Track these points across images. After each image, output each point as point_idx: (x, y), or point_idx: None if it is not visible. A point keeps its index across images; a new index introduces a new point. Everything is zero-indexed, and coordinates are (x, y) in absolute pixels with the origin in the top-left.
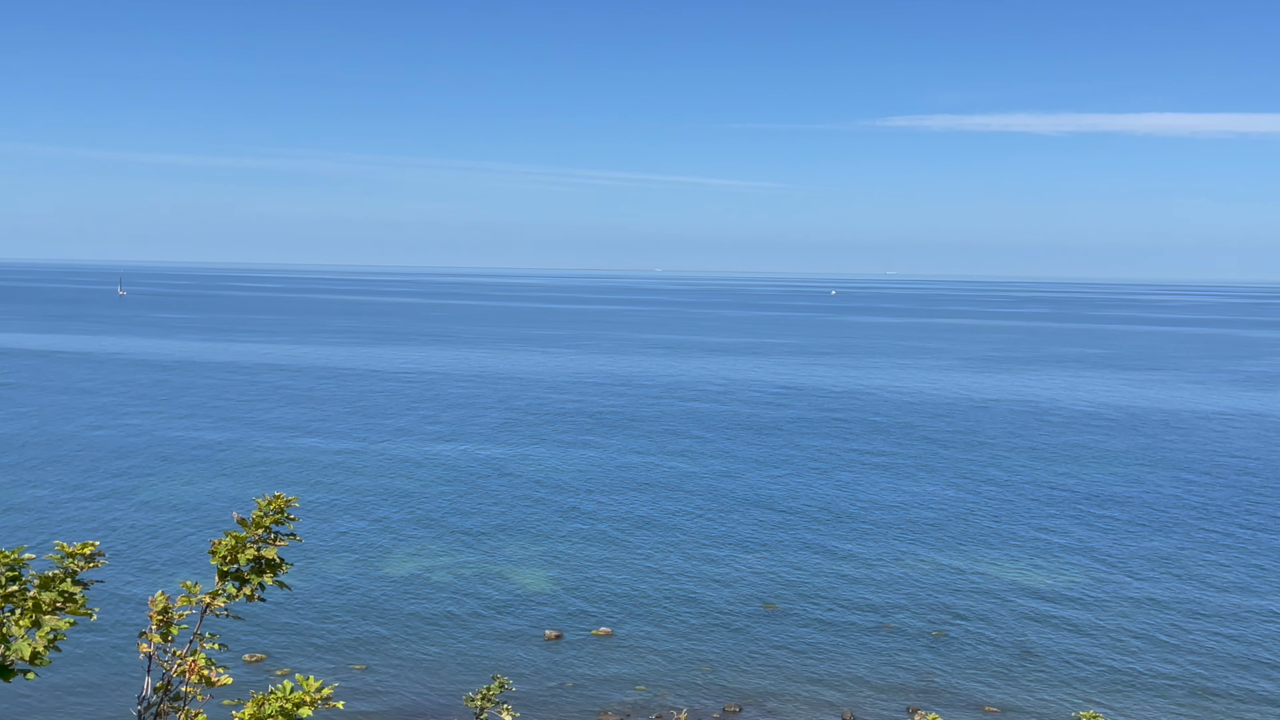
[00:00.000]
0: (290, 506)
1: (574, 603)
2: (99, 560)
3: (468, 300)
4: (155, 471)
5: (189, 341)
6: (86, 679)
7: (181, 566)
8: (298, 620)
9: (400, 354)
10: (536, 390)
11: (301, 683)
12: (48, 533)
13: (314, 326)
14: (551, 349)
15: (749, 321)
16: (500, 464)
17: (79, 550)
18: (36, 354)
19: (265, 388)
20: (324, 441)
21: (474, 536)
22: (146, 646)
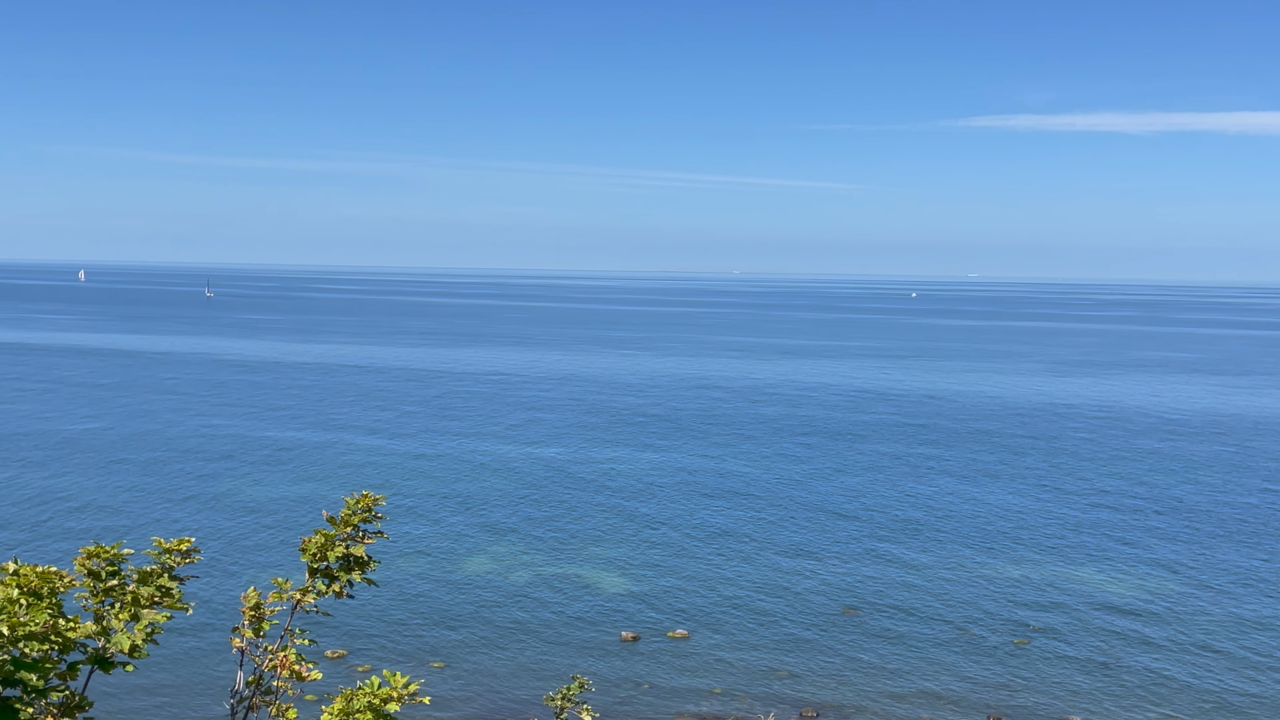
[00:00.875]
0: (377, 505)
1: (650, 605)
2: (194, 556)
3: (544, 302)
4: (241, 470)
5: (273, 342)
6: (182, 672)
7: (270, 563)
8: (378, 617)
9: (477, 355)
10: (611, 392)
11: (389, 679)
12: (141, 529)
13: (394, 328)
14: (627, 351)
15: (826, 324)
16: (575, 466)
17: (175, 546)
18: (127, 354)
19: (345, 388)
20: (402, 442)
21: (551, 537)
22: (239, 641)
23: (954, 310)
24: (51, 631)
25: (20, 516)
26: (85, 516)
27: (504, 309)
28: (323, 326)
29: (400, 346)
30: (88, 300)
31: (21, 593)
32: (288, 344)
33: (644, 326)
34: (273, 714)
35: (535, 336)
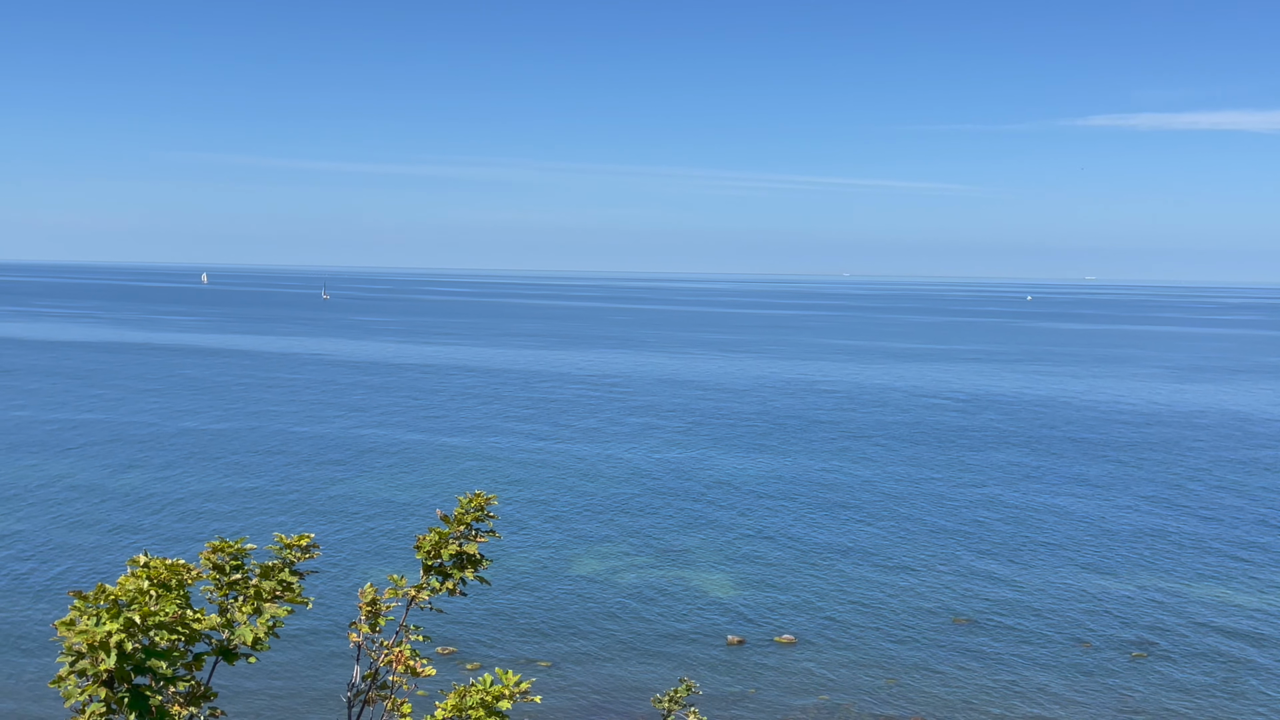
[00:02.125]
0: (490, 504)
1: (755, 610)
2: (314, 552)
3: (650, 305)
4: (354, 467)
5: (385, 343)
6: (301, 665)
7: (384, 560)
8: (485, 615)
9: (584, 357)
10: (717, 395)
11: (501, 676)
12: (261, 525)
13: (503, 330)
14: (732, 354)
15: (938, 327)
16: (682, 467)
17: (296, 542)
18: (246, 354)
19: (455, 389)
20: (509, 442)
21: (657, 539)
22: (356, 636)
23: (1070, 314)
24: (179, 622)
25: (148, 511)
26: (207, 512)
27: (610, 311)
28: (433, 328)
29: (508, 348)
30: (210, 302)
31: (152, 584)
32: (399, 345)
33: (750, 330)
34: (388, 708)
35: (641, 339)
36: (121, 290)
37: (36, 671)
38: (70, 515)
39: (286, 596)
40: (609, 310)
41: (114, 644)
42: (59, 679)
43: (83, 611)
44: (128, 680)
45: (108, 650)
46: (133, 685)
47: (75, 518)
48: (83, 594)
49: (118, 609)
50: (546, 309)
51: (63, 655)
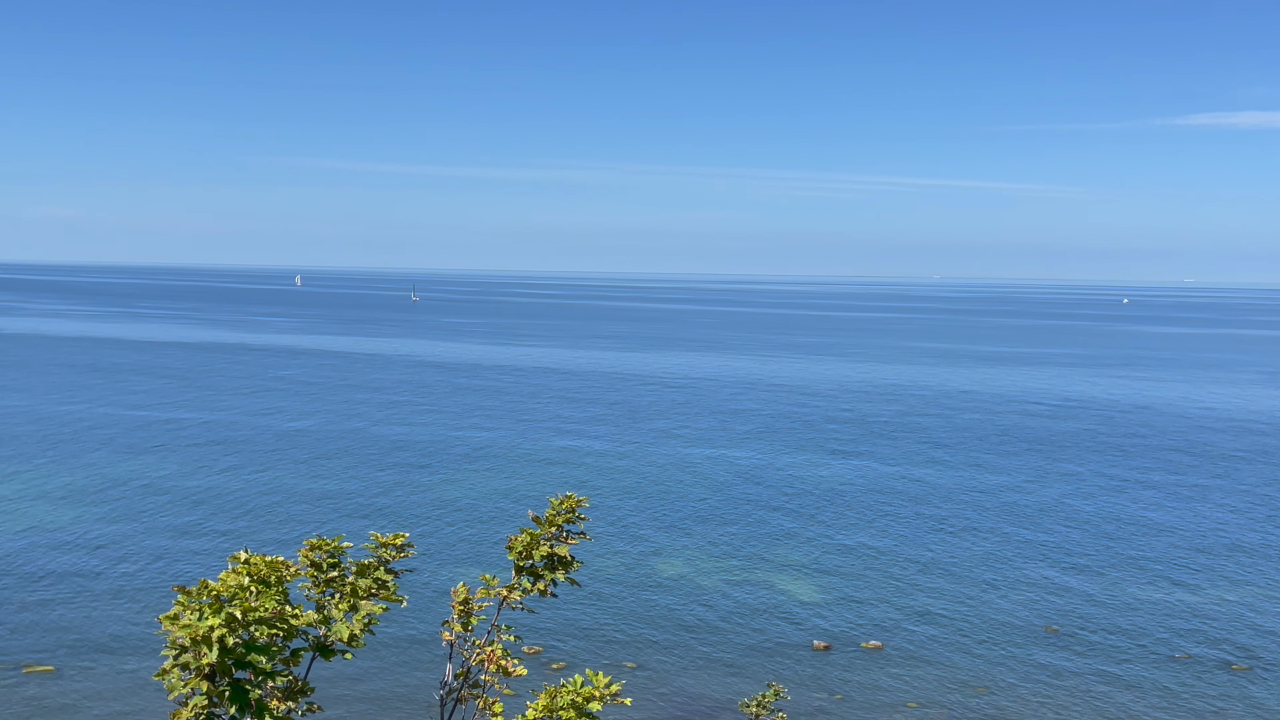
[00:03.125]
0: (581, 506)
1: (842, 614)
2: (409, 551)
3: (736, 307)
4: (443, 467)
5: (473, 345)
6: (395, 662)
7: (474, 559)
8: (571, 616)
9: (669, 359)
10: (803, 397)
11: (592, 678)
12: (354, 523)
13: (589, 331)
14: (818, 356)
15: (1030, 330)
16: (767, 471)
17: (391, 540)
18: (338, 355)
19: (542, 390)
20: (596, 443)
21: (742, 542)
22: (449, 635)
23: (1169, 317)
24: (278, 618)
25: (244, 508)
26: (301, 510)
27: (696, 314)
28: (520, 330)
29: (592, 350)
30: (303, 303)
31: (252, 580)
32: (486, 346)
33: (836, 333)
34: (480, 707)
35: (727, 341)
36: (219, 292)
37: (140, 664)
38: (171, 511)
39: (382, 595)
40: (693, 313)
41: (216, 638)
42: (163, 672)
43: (186, 606)
44: (229, 674)
45: (210, 645)
46: (233, 679)
47: (176, 514)
48: (186, 589)
49: (220, 604)
50: (631, 311)
51: (167, 649)
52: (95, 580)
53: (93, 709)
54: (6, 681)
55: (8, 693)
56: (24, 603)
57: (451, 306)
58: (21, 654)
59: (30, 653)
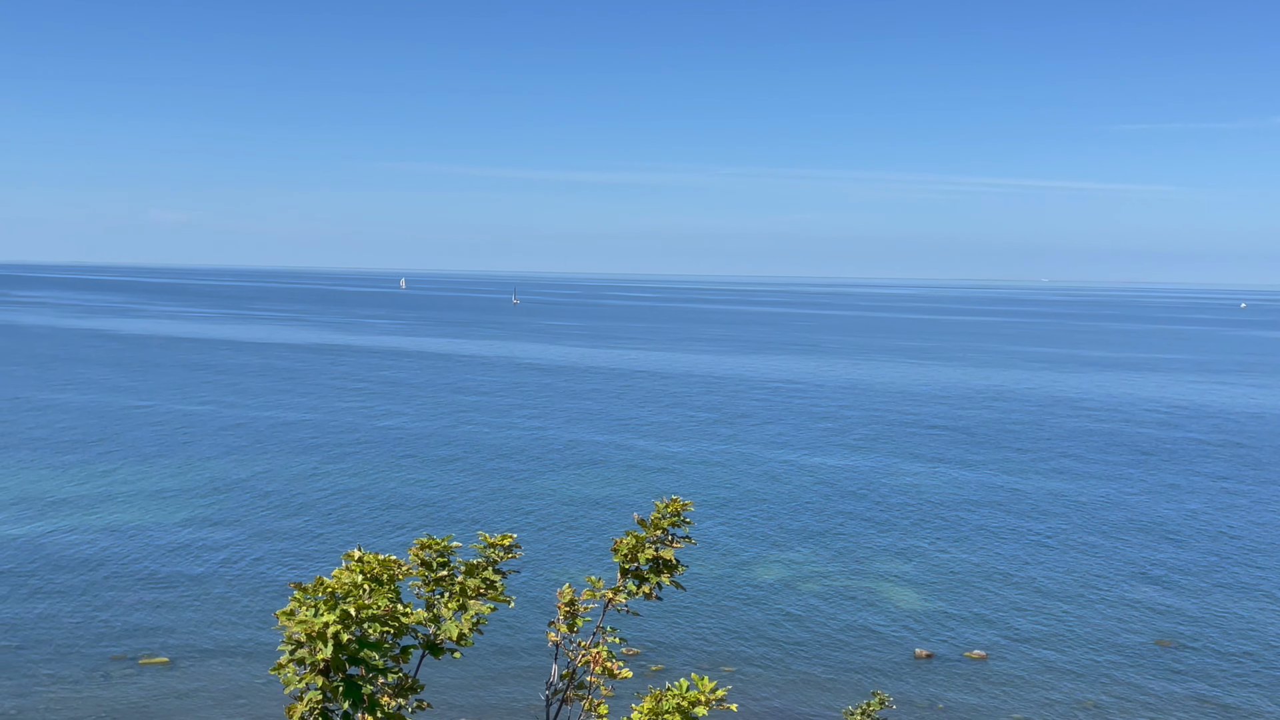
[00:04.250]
0: (686, 510)
1: (945, 622)
2: (516, 552)
3: (834, 310)
4: (543, 468)
5: (572, 347)
6: (501, 661)
7: (573, 560)
8: (670, 617)
9: (766, 363)
10: (903, 402)
11: (697, 682)
12: (453, 522)
13: (686, 334)
14: (918, 361)
15: (1142, 335)
16: (866, 475)
17: (499, 541)
18: (439, 356)
19: (640, 392)
20: (692, 446)
21: (841, 546)
22: (554, 636)
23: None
24: (390, 616)
25: (351, 506)
26: (407, 508)
27: (793, 317)
28: (618, 332)
29: (691, 353)
30: (408, 306)
31: (365, 578)
32: (585, 349)
33: (939, 336)
34: (585, 708)
35: (824, 345)
36: (327, 294)
37: (250, 657)
38: (280, 509)
39: (490, 595)
40: (793, 316)
41: (331, 635)
42: (279, 666)
43: (302, 603)
44: (342, 670)
45: (325, 641)
46: (347, 675)
47: (285, 511)
48: (303, 586)
49: (334, 601)
50: (730, 314)
51: (283, 644)
52: (207, 575)
53: (205, 699)
54: (124, 671)
55: (125, 682)
56: (140, 596)
57: (551, 309)
58: (138, 645)
59: (146, 644)
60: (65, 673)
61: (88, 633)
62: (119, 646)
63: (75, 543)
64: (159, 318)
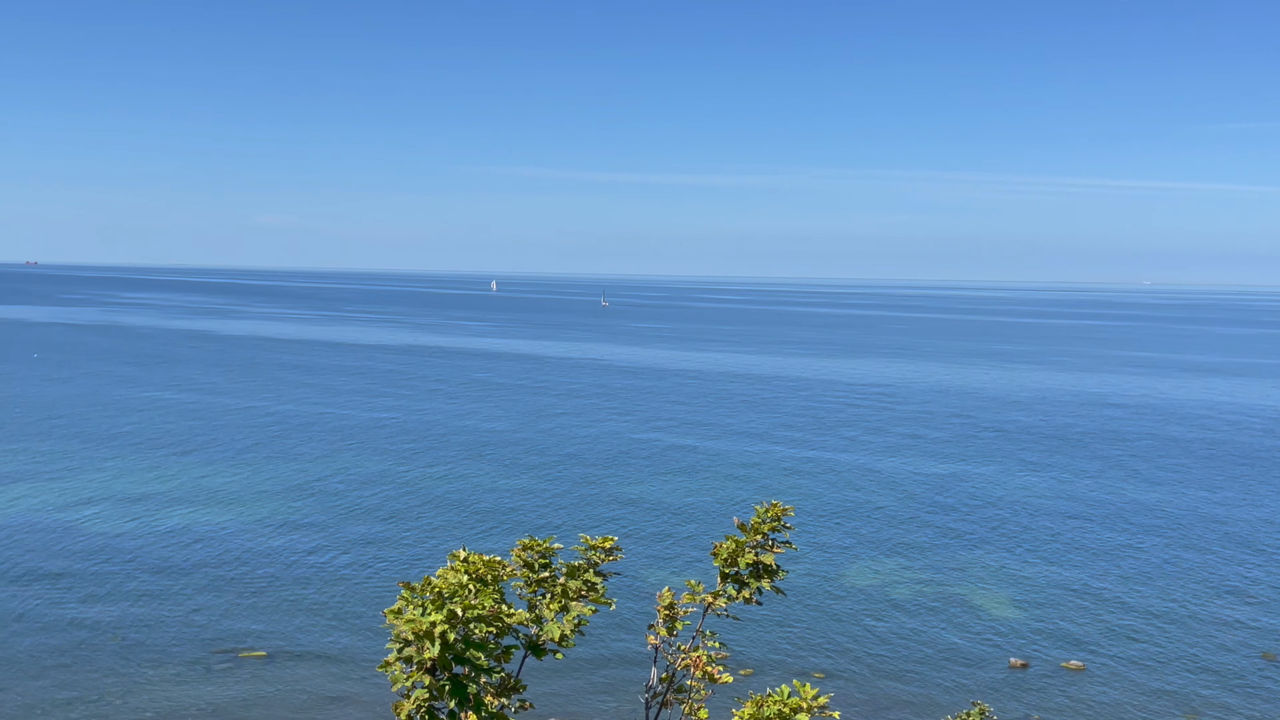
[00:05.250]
0: (786, 515)
1: (1041, 632)
2: (617, 554)
3: (927, 313)
4: (633, 471)
5: (661, 349)
6: (600, 663)
7: (664, 562)
8: (759, 621)
9: (858, 366)
10: (997, 407)
11: (799, 688)
12: (545, 524)
13: (775, 337)
14: (1013, 365)
15: (1247, 340)
16: (958, 481)
17: (600, 544)
18: (529, 358)
19: (728, 394)
20: (783, 449)
21: (932, 553)
22: (654, 639)
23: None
24: (495, 616)
25: (445, 506)
26: (502, 509)
27: (885, 320)
28: (707, 334)
29: (781, 355)
30: (498, 308)
31: (470, 578)
32: (674, 351)
33: (1036, 340)
34: (685, 712)
35: (918, 348)
36: (420, 296)
37: (346, 653)
38: (374, 508)
39: (591, 596)
40: (885, 319)
41: (438, 634)
42: (386, 664)
43: (409, 602)
44: (448, 669)
45: (432, 640)
46: (453, 674)
47: (379, 511)
48: (410, 585)
49: (441, 601)
50: (817, 317)
51: (391, 642)
52: (303, 571)
53: (302, 693)
54: (223, 665)
55: (225, 675)
56: (240, 591)
57: (639, 311)
58: (237, 640)
59: (244, 639)
60: (168, 664)
61: (188, 626)
62: (218, 640)
63: (175, 539)
64: (259, 319)
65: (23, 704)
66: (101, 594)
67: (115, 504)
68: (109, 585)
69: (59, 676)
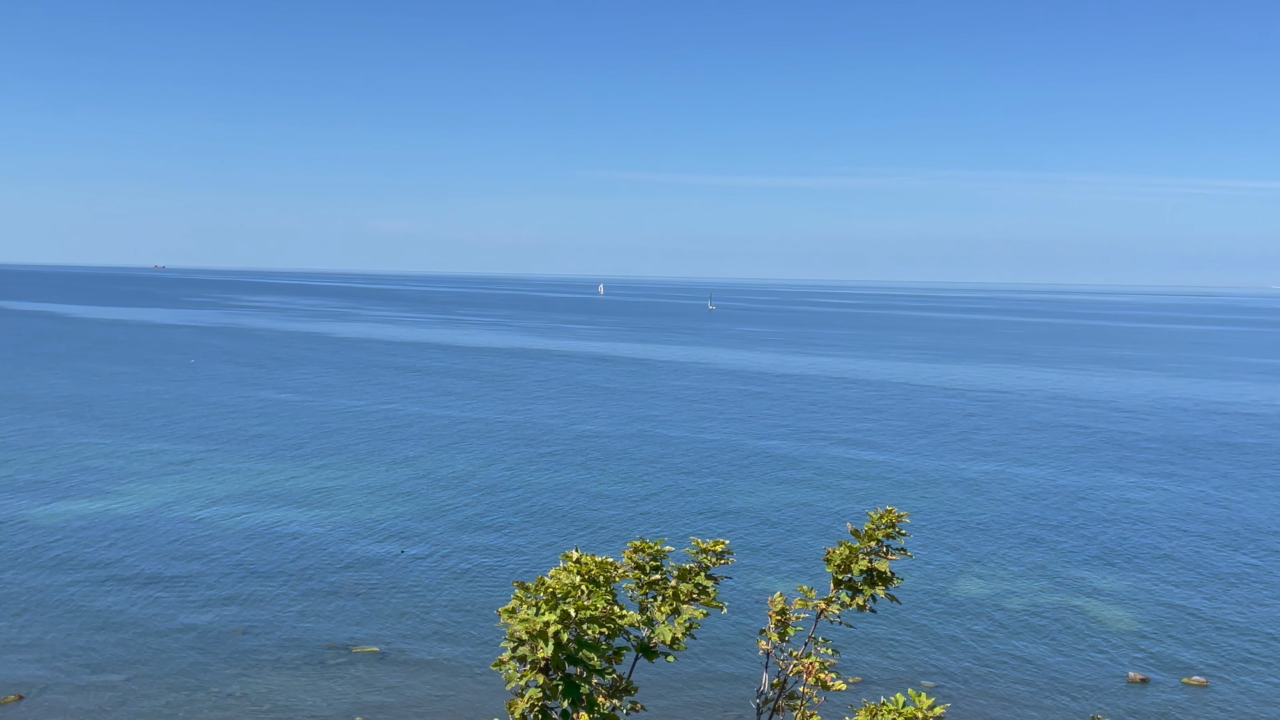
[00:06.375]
0: (901, 521)
1: (1161, 645)
2: (728, 558)
3: (1045, 318)
4: (739, 475)
5: (767, 353)
6: (710, 667)
7: (774, 568)
8: (867, 628)
9: (969, 371)
10: (1116, 414)
11: (914, 698)
12: (651, 528)
13: (885, 341)
14: (1136, 371)
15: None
16: (1073, 489)
17: (711, 547)
18: (635, 361)
19: (835, 399)
20: (891, 456)
21: (1046, 563)
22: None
23: None
24: (607, 617)
25: (552, 507)
26: (609, 511)
27: (999, 324)
28: (815, 339)
29: (890, 360)
30: (606, 311)
31: (583, 579)
32: (781, 355)
33: (1156, 345)
34: (797, 718)
35: (1033, 353)
36: (530, 300)
37: (457, 651)
38: (481, 508)
39: (703, 600)
40: (998, 323)
41: (552, 634)
42: (500, 662)
43: (523, 601)
44: (561, 669)
45: (546, 640)
46: (566, 674)
47: (486, 511)
48: (524, 585)
49: (555, 601)
50: (929, 321)
51: (505, 641)
52: (413, 569)
53: (416, 689)
54: (337, 660)
55: (339, 670)
56: (353, 589)
57: (747, 315)
58: (350, 635)
59: (357, 635)
60: (283, 659)
61: (303, 621)
62: (332, 635)
63: (290, 535)
64: (373, 321)
65: (146, 697)
66: (219, 589)
67: (232, 502)
68: (226, 581)
69: (182, 670)
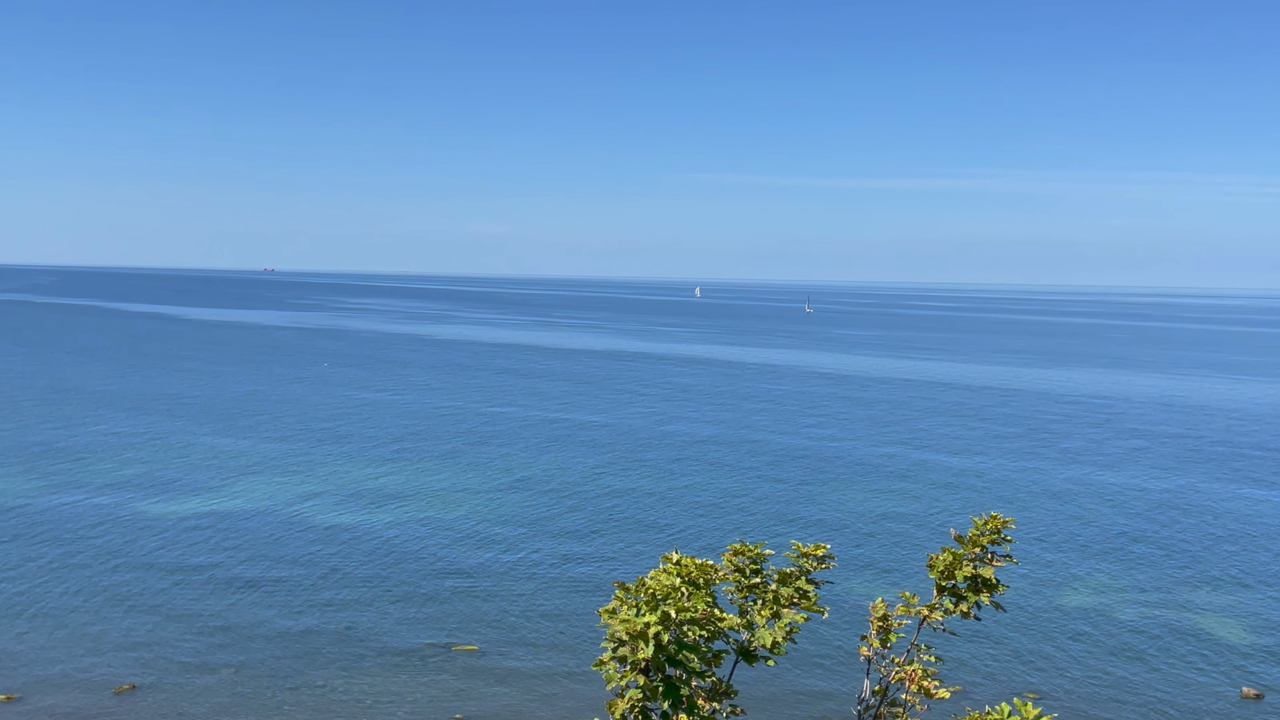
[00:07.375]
0: (1006, 528)
1: (1275, 659)
2: (829, 563)
3: (1155, 322)
4: (838, 479)
5: (865, 357)
6: (810, 672)
7: (870, 573)
8: (968, 636)
9: (1075, 376)
10: (1228, 421)
11: (1020, 708)
12: (749, 531)
13: (987, 345)
14: (1249, 376)
15: None
16: (1182, 499)
17: (812, 551)
18: (731, 364)
19: (936, 404)
20: (993, 460)
21: (1157, 575)
22: (866, 650)
23: None
24: (708, 620)
25: (648, 509)
26: (705, 513)
27: (1107, 328)
28: (915, 343)
29: (992, 364)
30: (702, 314)
31: (683, 581)
32: (880, 359)
33: (1273, 351)
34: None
35: (1142, 358)
36: (626, 303)
37: (552, 651)
38: (580, 509)
39: (803, 604)
40: (1105, 327)
41: (652, 635)
42: (600, 663)
43: (624, 602)
44: (662, 670)
45: (646, 640)
46: (666, 675)
47: (584, 512)
48: (625, 585)
49: (655, 602)
50: (1033, 325)
51: (606, 641)
52: (511, 569)
53: (514, 687)
54: (436, 657)
55: (439, 666)
56: (453, 588)
57: (845, 318)
58: (449, 634)
59: (457, 633)
60: (385, 654)
61: (403, 618)
62: (432, 633)
63: (391, 534)
64: (472, 324)
65: (253, 696)
66: (324, 585)
67: (333, 503)
68: (332, 577)
69: (287, 668)
